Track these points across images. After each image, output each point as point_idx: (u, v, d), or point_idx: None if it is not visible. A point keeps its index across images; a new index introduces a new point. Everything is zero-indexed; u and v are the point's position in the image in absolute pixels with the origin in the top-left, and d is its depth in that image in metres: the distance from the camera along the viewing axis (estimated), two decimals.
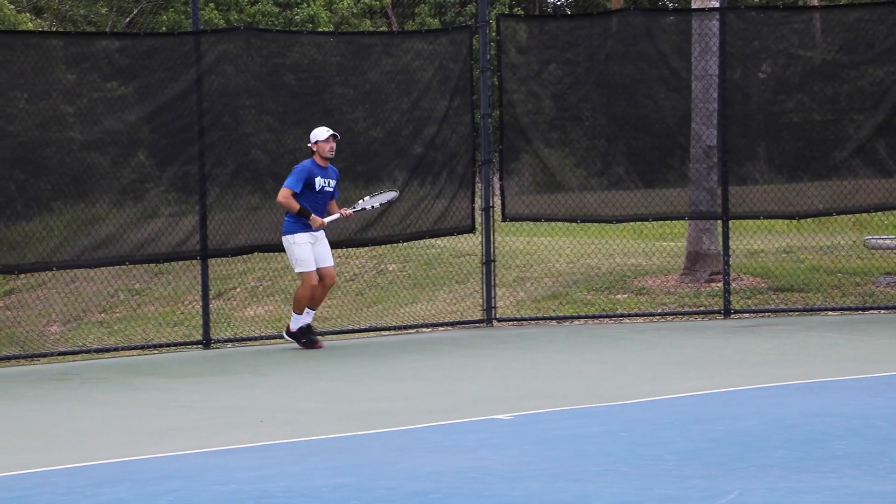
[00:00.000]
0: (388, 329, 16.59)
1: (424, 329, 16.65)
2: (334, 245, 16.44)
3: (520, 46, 17.28)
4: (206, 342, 15.33)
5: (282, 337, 14.95)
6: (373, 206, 15.17)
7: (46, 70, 14.58)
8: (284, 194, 14.40)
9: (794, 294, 17.90)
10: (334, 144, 14.53)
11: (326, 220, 14.60)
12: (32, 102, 14.54)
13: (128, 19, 28.21)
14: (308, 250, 14.47)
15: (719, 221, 17.34)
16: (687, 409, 10.92)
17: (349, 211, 14.87)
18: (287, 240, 14.52)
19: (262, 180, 15.67)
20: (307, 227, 14.45)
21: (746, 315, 16.93)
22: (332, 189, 14.63)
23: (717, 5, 17.58)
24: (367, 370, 13.65)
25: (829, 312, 16.95)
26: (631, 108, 17.15)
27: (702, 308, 17.32)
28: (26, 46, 14.70)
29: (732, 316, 16.81)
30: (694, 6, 18.47)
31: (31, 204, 14.52)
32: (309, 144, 14.60)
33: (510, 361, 13.92)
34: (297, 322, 14.69)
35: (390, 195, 15.28)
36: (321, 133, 14.54)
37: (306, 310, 14.65)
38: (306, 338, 14.76)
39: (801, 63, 17.37)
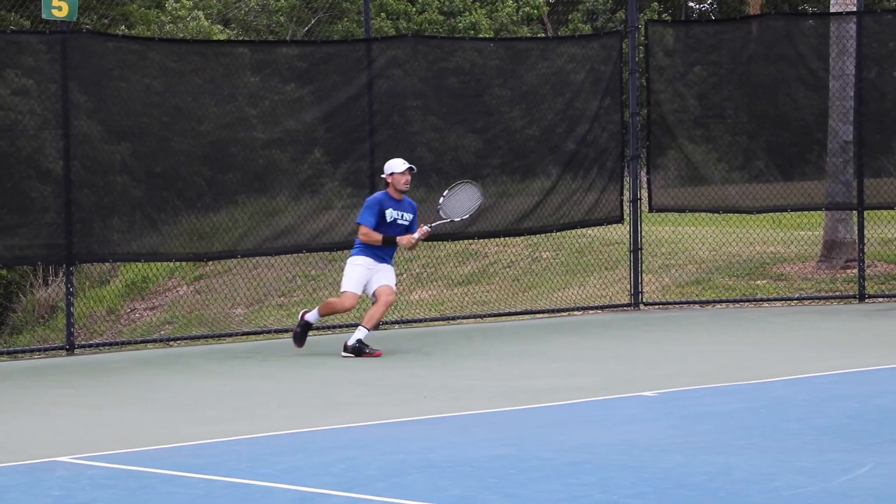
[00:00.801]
0: (542, 312, 16.54)
1: (576, 312, 16.58)
2: (493, 234, 16.48)
3: (667, 49, 17.13)
4: (376, 325, 15.40)
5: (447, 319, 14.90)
6: (462, 219, 13.37)
7: (233, 75, 14.79)
8: (363, 232, 12.79)
9: None
10: (409, 177, 12.86)
11: (416, 234, 12.88)
12: (220, 105, 14.75)
13: (305, 28, 28.51)
14: (362, 274, 12.84)
15: (855, 212, 17.02)
16: (824, 388, 10.73)
17: (429, 227, 12.99)
18: (350, 261, 12.96)
19: (426, 175, 15.72)
20: (373, 255, 12.84)
21: (880, 299, 16.59)
22: (406, 223, 12.94)
23: (855, 9, 17.24)
24: (523, 350, 13.63)
25: None
26: (771, 107, 16.92)
27: (837, 293, 17.01)
28: (217, 54, 14.93)
29: (867, 300, 16.49)
30: (833, 10, 18.13)
31: (218, 198, 14.73)
32: (383, 176, 13.00)
33: (656, 342, 13.80)
34: (312, 317, 13.15)
35: (474, 201, 13.30)
36: (398, 165, 12.87)
37: (360, 327, 12.97)
38: (302, 329, 13.24)
39: None
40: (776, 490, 7.26)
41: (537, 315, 16.42)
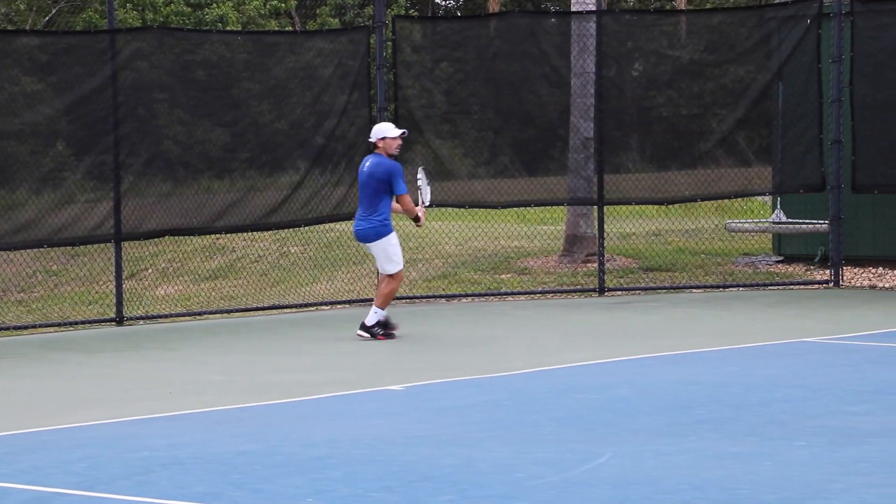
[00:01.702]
0: (291, 307, 16.50)
1: (324, 307, 16.59)
2: (241, 228, 16.36)
3: (414, 45, 17.26)
4: (120, 320, 15.15)
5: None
6: (429, 200, 13.54)
7: None
8: (408, 201, 12.91)
9: (662, 273, 18.06)
10: (401, 141, 13.01)
11: (420, 212, 13.12)
12: None
13: (46, 18, 27.78)
14: (400, 248, 13.04)
15: (595, 207, 17.46)
16: (565, 379, 10.99)
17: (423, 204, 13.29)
18: (387, 240, 12.86)
19: (173, 169, 15.53)
20: (390, 225, 12.95)
21: (619, 293, 17.05)
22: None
23: (595, 8, 17.68)
24: (270, 345, 13.58)
25: (694, 290, 17.13)
26: (516, 103, 17.20)
27: (579, 286, 17.42)
28: None
29: (606, 294, 16.92)
30: (573, 9, 18.55)
31: None
32: (372, 139, 13.00)
33: (403, 336, 13.91)
34: (375, 317, 13.06)
35: (423, 176, 13.52)
36: (389, 129, 12.93)
37: (376, 308, 13.10)
38: (384, 330, 13.13)
39: (670, 62, 17.53)
40: (518, 481, 7.42)
41: (285, 310, 16.37)
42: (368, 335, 13.06)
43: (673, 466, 7.70)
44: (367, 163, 13.08)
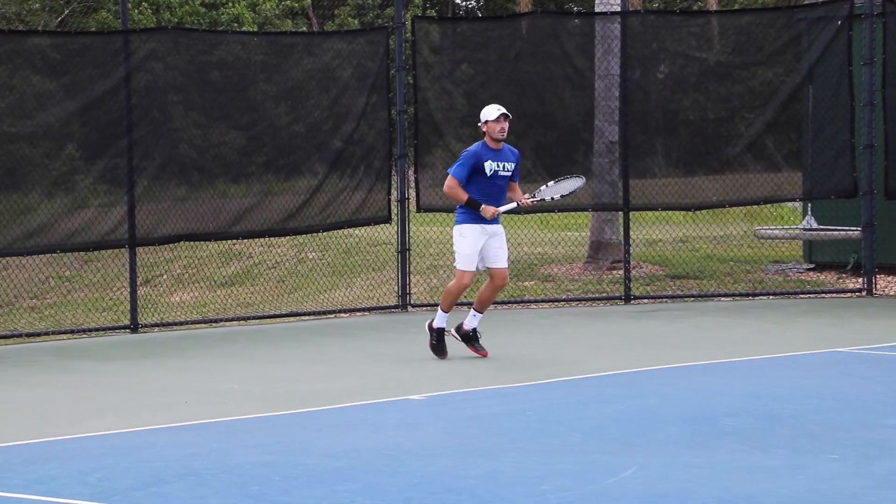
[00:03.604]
0: (308, 314, 16.54)
1: (343, 314, 16.62)
2: (258, 234, 16.40)
3: (433, 46, 17.28)
4: (134, 327, 15.20)
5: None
6: (553, 198, 12.68)
7: None
8: (450, 184, 12.07)
9: (689, 281, 18.05)
10: (506, 125, 12.16)
11: (501, 209, 12.19)
12: None
13: (59, 18, 27.90)
14: (473, 245, 12.11)
15: (620, 213, 17.45)
16: (590, 389, 10.98)
17: (529, 200, 12.46)
18: (456, 230, 12.20)
19: (188, 173, 15.57)
20: (480, 219, 12.09)
21: (645, 301, 17.05)
22: (508, 173, 12.18)
23: (619, 9, 17.68)
24: (288, 353, 13.61)
25: (722, 298, 17.11)
26: (538, 106, 17.21)
27: (604, 294, 17.42)
28: None
29: (632, 302, 16.92)
30: (597, 10, 18.55)
31: None
32: (479, 125, 12.33)
33: (424, 344, 13.90)
34: (441, 320, 12.39)
35: (576, 183, 12.75)
36: (491, 112, 12.20)
37: (472, 312, 12.38)
38: (441, 342, 12.45)
39: (697, 64, 17.53)
40: (543, 493, 7.42)
41: (303, 317, 16.40)
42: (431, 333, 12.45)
43: (701, 479, 7.69)
44: None
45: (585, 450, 8.54)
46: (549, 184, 12.65)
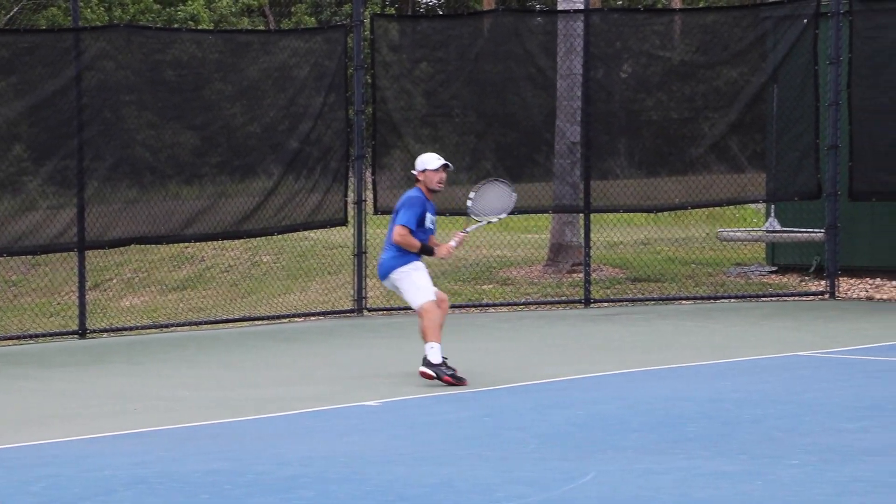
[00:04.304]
0: (262, 319, 16.50)
1: (297, 319, 16.59)
2: (211, 237, 16.35)
3: (392, 45, 17.27)
4: (83, 332, 15.13)
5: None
6: (490, 222, 12.06)
7: None
8: (401, 233, 11.42)
9: (650, 284, 18.11)
10: (444, 175, 11.57)
11: (452, 242, 11.65)
12: None
13: (7, 16, 27.75)
14: (425, 276, 11.60)
15: (581, 214, 17.48)
16: (548, 395, 11.00)
17: (469, 229, 11.85)
18: (402, 272, 11.54)
19: (140, 174, 15.51)
20: (415, 257, 11.61)
21: (605, 304, 17.09)
22: (433, 225, 11.76)
23: (582, 7, 17.71)
24: (241, 358, 13.57)
25: (684, 301, 17.17)
26: (499, 106, 17.23)
27: (563, 297, 17.45)
28: None
29: (592, 305, 16.96)
30: (560, 8, 18.58)
31: None
32: (414, 172, 11.69)
33: (380, 349, 13.92)
34: (435, 354, 11.40)
35: (504, 198, 11.98)
36: (431, 161, 11.56)
37: (432, 345, 11.40)
38: (450, 370, 11.44)
39: (661, 63, 17.58)
40: (499, 501, 7.43)
41: (257, 322, 16.37)
42: (434, 375, 11.37)
43: (661, 486, 7.72)
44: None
45: (543, 456, 8.55)
46: (471, 195, 11.95)
